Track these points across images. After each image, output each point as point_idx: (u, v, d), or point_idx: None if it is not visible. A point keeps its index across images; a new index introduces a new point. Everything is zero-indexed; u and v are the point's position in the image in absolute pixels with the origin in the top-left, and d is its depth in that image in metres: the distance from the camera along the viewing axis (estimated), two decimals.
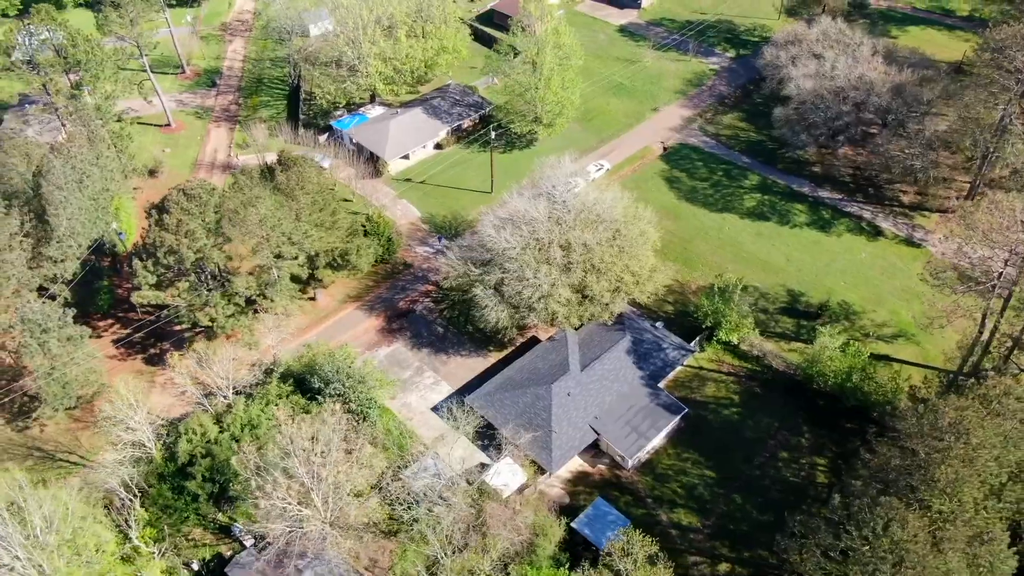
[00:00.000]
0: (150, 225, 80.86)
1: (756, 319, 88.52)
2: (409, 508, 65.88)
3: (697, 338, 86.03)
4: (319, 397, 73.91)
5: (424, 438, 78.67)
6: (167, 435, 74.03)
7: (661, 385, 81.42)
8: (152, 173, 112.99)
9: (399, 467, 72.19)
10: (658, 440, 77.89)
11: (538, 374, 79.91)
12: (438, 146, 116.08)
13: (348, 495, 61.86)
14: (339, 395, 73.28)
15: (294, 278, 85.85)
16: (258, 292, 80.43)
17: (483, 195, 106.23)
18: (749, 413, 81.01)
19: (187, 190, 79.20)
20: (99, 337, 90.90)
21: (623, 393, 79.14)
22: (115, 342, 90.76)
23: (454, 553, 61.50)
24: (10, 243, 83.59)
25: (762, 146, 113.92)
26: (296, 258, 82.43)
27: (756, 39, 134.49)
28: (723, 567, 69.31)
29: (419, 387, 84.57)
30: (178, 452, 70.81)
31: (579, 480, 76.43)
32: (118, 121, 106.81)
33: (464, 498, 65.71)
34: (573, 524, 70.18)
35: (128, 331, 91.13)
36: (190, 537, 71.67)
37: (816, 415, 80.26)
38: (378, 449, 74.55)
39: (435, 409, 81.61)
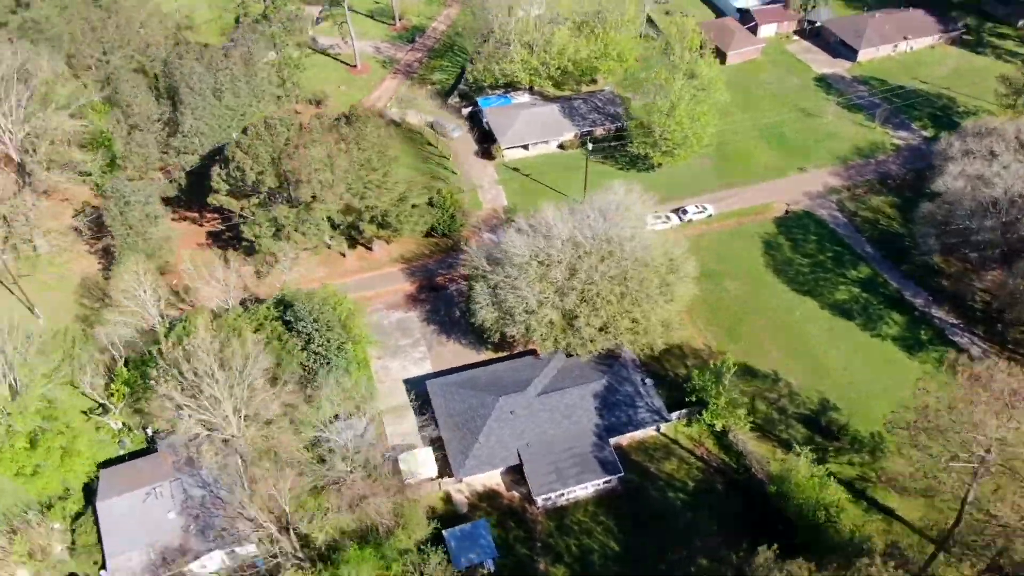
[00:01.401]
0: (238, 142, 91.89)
1: (766, 416, 79.82)
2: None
3: (682, 411, 79.44)
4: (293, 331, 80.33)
5: (381, 404, 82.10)
6: (178, 320, 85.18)
7: (617, 441, 76.92)
8: (318, 103, 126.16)
9: (330, 419, 76.56)
10: (581, 492, 74.09)
11: (499, 383, 79.41)
12: (561, 146, 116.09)
13: (237, 414, 67.52)
14: (306, 334, 78.94)
15: (334, 224, 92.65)
16: (294, 226, 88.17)
17: (573, 203, 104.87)
18: (696, 506, 73.84)
19: (269, 121, 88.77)
20: (200, 225, 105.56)
21: (568, 432, 76.03)
22: (209, 234, 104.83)
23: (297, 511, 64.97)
24: (149, 126, 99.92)
25: (897, 241, 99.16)
26: (333, 205, 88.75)
27: None
28: None
29: (406, 357, 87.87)
30: (171, 335, 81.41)
31: (488, 497, 75.39)
32: (297, 47, 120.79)
33: (346, 464, 68.51)
34: (444, 532, 69.99)
35: (222, 227, 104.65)
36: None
37: (768, 539, 70.77)
38: (333, 394, 79.43)
39: (406, 381, 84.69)
